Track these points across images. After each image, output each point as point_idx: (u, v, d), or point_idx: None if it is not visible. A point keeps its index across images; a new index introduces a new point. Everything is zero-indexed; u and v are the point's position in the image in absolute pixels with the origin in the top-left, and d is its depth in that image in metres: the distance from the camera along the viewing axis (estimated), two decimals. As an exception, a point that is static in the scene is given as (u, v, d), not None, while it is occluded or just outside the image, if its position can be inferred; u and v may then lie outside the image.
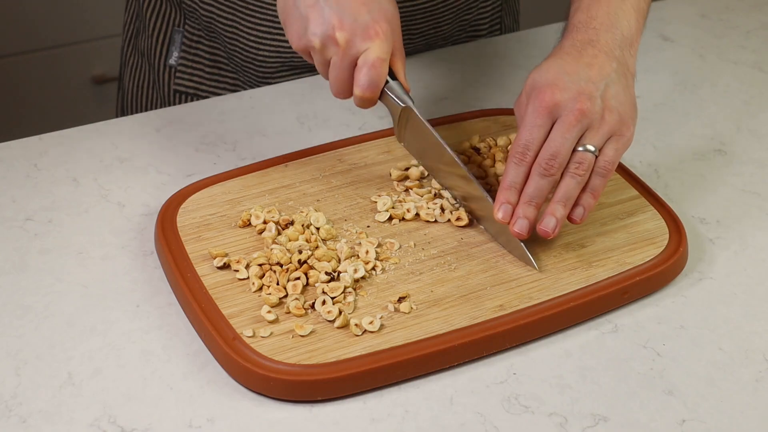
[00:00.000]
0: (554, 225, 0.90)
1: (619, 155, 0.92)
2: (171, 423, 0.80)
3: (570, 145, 0.90)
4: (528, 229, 0.90)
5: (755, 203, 1.03)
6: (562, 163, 0.90)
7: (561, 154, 0.89)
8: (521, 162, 0.90)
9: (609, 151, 0.91)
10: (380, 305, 0.87)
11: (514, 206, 0.90)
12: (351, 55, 0.91)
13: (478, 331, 0.85)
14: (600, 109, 0.90)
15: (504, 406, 0.82)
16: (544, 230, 0.90)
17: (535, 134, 0.90)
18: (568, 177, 0.90)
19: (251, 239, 0.94)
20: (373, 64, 0.90)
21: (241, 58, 1.19)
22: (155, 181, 1.04)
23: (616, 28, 0.94)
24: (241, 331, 0.84)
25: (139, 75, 1.28)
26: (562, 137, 0.89)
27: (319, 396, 0.81)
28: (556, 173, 0.90)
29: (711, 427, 0.81)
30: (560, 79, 0.91)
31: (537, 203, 0.90)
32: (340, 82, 0.92)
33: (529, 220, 0.90)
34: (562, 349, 0.87)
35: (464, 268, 0.91)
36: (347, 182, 1.01)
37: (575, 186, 0.90)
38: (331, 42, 0.90)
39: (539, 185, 0.90)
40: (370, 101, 0.93)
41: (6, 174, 1.05)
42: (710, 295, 0.93)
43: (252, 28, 1.16)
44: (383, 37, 0.91)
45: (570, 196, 0.90)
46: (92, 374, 0.84)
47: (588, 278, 0.90)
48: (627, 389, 0.84)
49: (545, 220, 0.90)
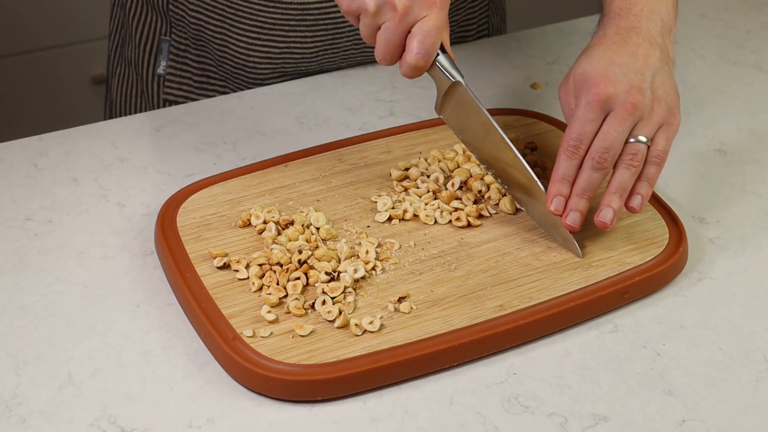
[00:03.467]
0: (612, 216, 0.91)
1: (670, 143, 0.93)
2: (171, 423, 0.80)
3: (623, 138, 0.91)
4: (580, 222, 0.91)
5: (755, 203, 1.03)
6: (615, 156, 0.91)
7: (614, 147, 0.91)
8: (574, 155, 0.91)
9: (660, 140, 0.92)
10: (380, 305, 0.87)
11: (566, 198, 0.91)
12: (408, 22, 0.89)
13: (478, 331, 0.85)
14: (650, 101, 0.92)
15: (504, 406, 0.82)
16: (602, 221, 0.91)
17: (588, 128, 0.91)
18: (623, 168, 0.91)
19: (251, 239, 0.94)
20: (429, 32, 0.89)
21: (231, 64, 1.19)
22: (155, 181, 1.04)
23: (656, 14, 0.95)
24: (241, 331, 0.84)
25: (127, 84, 1.28)
26: (615, 131, 0.91)
27: (319, 396, 0.81)
28: (609, 167, 0.91)
29: (711, 427, 0.81)
30: (611, 70, 0.92)
31: (589, 196, 0.91)
32: (392, 47, 0.90)
33: (581, 212, 0.91)
34: (562, 349, 0.87)
35: (464, 268, 0.91)
36: (347, 182, 1.01)
37: (630, 177, 0.91)
38: (388, 6, 0.88)
39: (591, 178, 0.91)
40: (421, 69, 0.91)
41: (6, 174, 1.05)
42: (710, 295, 0.93)
43: (242, 35, 1.16)
44: (441, 6, 0.90)
45: (625, 187, 0.91)
46: (92, 374, 0.84)
47: (588, 278, 0.90)
48: (627, 389, 0.84)
49: (603, 212, 0.91)
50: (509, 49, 1.26)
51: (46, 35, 2.13)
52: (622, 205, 0.92)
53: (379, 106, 1.16)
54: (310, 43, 1.16)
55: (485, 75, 1.22)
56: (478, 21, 1.28)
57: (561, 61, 1.26)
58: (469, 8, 1.25)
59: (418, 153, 1.05)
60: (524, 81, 1.21)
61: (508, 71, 1.23)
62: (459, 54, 1.24)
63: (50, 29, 2.13)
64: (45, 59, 2.16)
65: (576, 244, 0.92)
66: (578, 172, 0.92)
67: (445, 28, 0.92)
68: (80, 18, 2.13)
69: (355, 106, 1.16)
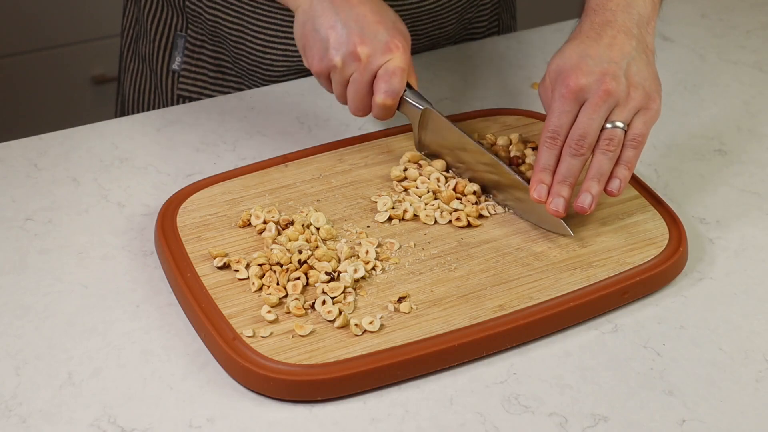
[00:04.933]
0: (590, 201, 0.92)
1: (648, 127, 0.94)
2: (171, 423, 0.80)
3: (598, 125, 0.92)
4: (564, 207, 0.92)
5: (755, 203, 1.03)
6: (592, 142, 0.92)
7: (590, 134, 0.92)
8: (552, 146, 0.93)
9: (638, 124, 0.93)
10: (380, 305, 0.87)
11: (548, 186, 0.93)
12: (371, 69, 0.95)
13: (478, 331, 0.85)
14: (625, 87, 0.92)
15: (504, 406, 0.82)
16: (581, 206, 0.92)
17: (563, 119, 0.92)
18: (599, 154, 0.92)
19: (251, 239, 0.94)
20: (393, 72, 0.95)
21: (247, 62, 1.19)
22: (155, 181, 1.04)
23: (632, 7, 0.96)
24: (241, 331, 0.84)
25: (141, 80, 1.28)
26: (590, 118, 0.92)
27: (319, 396, 0.81)
28: (587, 152, 0.92)
29: (711, 427, 0.81)
30: (583, 62, 0.93)
31: (570, 182, 0.92)
32: (360, 97, 0.96)
33: (564, 197, 0.92)
34: (562, 349, 0.87)
35: (464, 268, 0.91)
36: (347, 182, 1.01)
37: (607, 161, 0.92)
38: (353, 58, 0.94)
39: (570, 165, 0.92)
40: (390, 109, 0.97)
41: (6, 174, 1.05)
42: (710, 295, 0.93)
43: (259, 32, 1.16)
44: (402, 50, 0.95)
45: (603, 172, 0.92)
46: (92, 374, 0.84)
47: (588, 278, 0.90)
48: (627, 389, 0.84)
49: (581, 197, 0.92)
50: (509, 49, 1.26)
51: (47, 35, 2.13)
52: (600, 189, 0.92)
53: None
54: None
55: (485, 75, 1.22)
56: (488, 18, 1.28)
57: (561, 61, 1.26)
58: (480, 6, 1.25)
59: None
60: (524, 81, 1.21)
61: (508, 71, 1.23)
62: (460, 55, 1.24)
63: (50, 29, 2.13)
64: (45, 59, 2.16)
65: (565, 225, 0.93)
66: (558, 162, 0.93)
67: (410, 69, 0.98)
68: (81, 18, 2.13)
69: (355, 106, 1.16)
